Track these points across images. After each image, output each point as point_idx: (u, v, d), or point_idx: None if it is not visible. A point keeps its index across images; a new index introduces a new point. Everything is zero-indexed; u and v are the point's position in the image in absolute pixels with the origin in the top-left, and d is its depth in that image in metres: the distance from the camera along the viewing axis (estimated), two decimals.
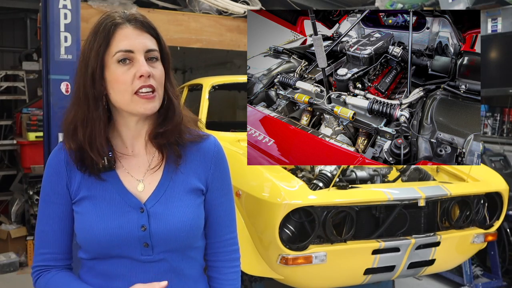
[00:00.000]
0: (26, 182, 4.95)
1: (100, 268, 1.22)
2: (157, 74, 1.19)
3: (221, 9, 5.05)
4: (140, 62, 1.15)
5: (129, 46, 1.15)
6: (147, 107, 1.17)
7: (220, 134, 3.40)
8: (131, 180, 1.23)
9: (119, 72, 1.16)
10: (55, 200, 1.24)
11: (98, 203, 1.20)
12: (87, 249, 1.22)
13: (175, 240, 1.21)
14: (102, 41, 1.16)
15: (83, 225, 1.20)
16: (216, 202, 1.31)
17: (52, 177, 1.24)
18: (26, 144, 4.99)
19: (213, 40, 5.01)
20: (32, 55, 7.15)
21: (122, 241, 1.18)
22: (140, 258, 1.20)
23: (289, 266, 2.45)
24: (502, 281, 3.90)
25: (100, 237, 1.17)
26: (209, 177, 1.29)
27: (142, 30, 1.19)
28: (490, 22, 4.46)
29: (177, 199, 1.23)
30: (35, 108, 5.29)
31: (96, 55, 1.16)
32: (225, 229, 1.34)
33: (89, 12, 4.26)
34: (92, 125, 1.18)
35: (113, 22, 1.17)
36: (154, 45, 1.20)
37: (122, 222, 1.19)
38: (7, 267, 4.50)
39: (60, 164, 1.24)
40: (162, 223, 1.19)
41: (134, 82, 1.16)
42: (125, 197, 1.21)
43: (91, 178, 1.22)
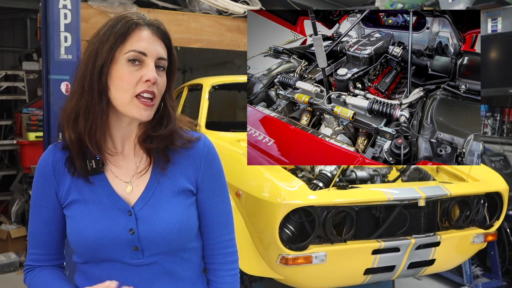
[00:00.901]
0: (26, 182, 4.95)
1: (93, 273, 1.22)
2: (160, 83, 1.19)
3: (221, 9, 5.05)
4: (150, 67, 1.16)
5: (144, 49, 1.16)
6: (143, 113, 1.17)
7: (220, 134, 3.40)
8: (119, 182, 1.23)
9: (127, 71, 1.15)
10: (42, 203, 1.24)
11: (87, 207, 1.20)
12: (79, 252, 1.22)
13: (164, 242, 1.19)
14: (119, 36, 1.15)
15: (73, 229, 1.20)
16: (208, 202, 1.29)
17: (40, 181, 1.24)
18: (26, 144, 4.99)
19: (213, 40, 5.01)
20: (32, 55, 7.16)
21: (112, 245, 1.17)
22: (131, 262, 1.19)
23: (289, 266, 2.45)
24: (502, 281, 3.90)
25: (89, 240, 1.17)
26: (199, 177, 1.27)
27: (158, 37, 1.20)
28: (490, 22, 4.46)
29: (165, 201, 1.21)
30: (35, 108, 5.30)
31: (109, 48, 1.15)
32: (220, 230, 1.31)
33: (89, 12, 4.26)
34: (94, 117, 1.17)
35: (134, 21, 1.17)
36: (165, 54, 1.21)
37: (111, 225, 1.18)
38: (7, 267, 4.50)
39: (48, 167, 1.23)
40: (150, 226, 1.18)
41: (139, 85, 1.15)
42: (113, 200, 1.20)
43: (80, 181, 1.21)
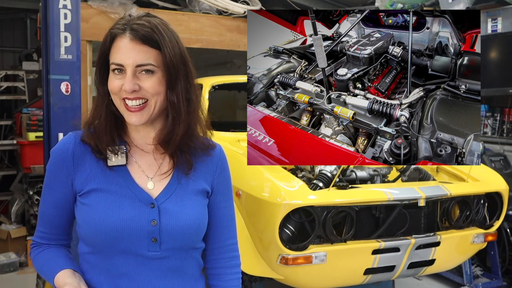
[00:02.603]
0: (26, 182, 4.95)
1: (102, 265, 1.23)
2: (147, 86, 1.18)
3: (221, 9, 5.04)
4: (127, 77, 1.18)
5: (120, 60, 1.18)
6: (131, 119, 1.21)
7: (220, 134, 3.40)
8: (141, 176, 1.25)
9: (113, 79, 1.20)
10: (55, 187, 1.26)
11: (109, 196, 1.21)
12: (94, 242, 1.22)
13: (182, 237, 1.23)
14: (104, 49, 1.21)
15: (92, 217, 1.20)
16: (219, 205, 1.34)
17: (56, 165, 1.26)
18: (26, 144, 4.99)
19: (213, 40, 5.01)
20: (32, 55, 7.17)
21: (132, 234, 1.19)
22: (146, 254, 1.21)
23: (289, 266, 2.45)
24: (502, 281, 3.90)
25: (110, 228, 1.18)
26: (215, 180, 1.33)
27: (137, 43, 1.17)
28: (490, 22, 4.46)
29: (186, 198, 1.26)
30: (35, 108, 5.30)
31: (101, 56, 1.23)
32: (227, 234, 1.37)
33: (89, 12, 4.25)
34: (99, 120, 1.24)
35: (111, 30, 1.20)
36: (148, 58, 1.17)
37: (134, 215, 1.20)
38: (7, 267, 4.50)
39: (67, 154, 1.25)
40: (172, 219, 1.22)
41: (121, 92, 1.19)
42: (136, 192, 1.23)
43: (100, 170, 1.24)
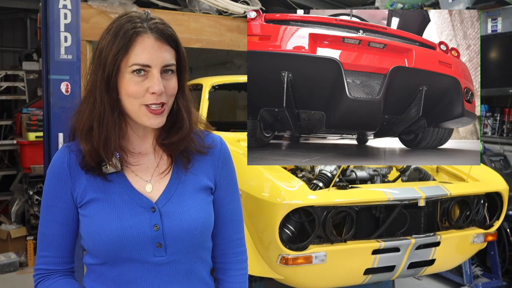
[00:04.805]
0: (26, 182, 4.95)
1: (109, 275, 1.18)
2: (169, 87, 1.16)
3: (221, 9, 5.04)
4: (155, 78, 1.12)
5: (147, 61, 1.11)
6: (153, 122, 1.16)
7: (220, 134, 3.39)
8: (139, 181, 1.22)
9: (133, 83, 1.13)
10: (56, 204, 1.21)
11: (107, 205, 1.17)
12: (96, 253, 1.18)
13: (188, 239, 1.19)
14: (121, 47, 1.11)
15: (92, 228, 1.17)
16: (224, 200, 1.31)
17: (54, 180, 1.21)
18: (26, 144, 4.99)
19: (213, 40, 5.00)
20: (32, 55, 7.16)
21: (135, 242, 1.15)
22: (152, 260, 1.17)
23: (289, 266, 2.45)
24: (502, 281, 3.90)
25: (112, 238, 1.14)
26: (217, 175, 1.29)
27: (162, 42, 1.14)
28: (490, 22, 4.45)
29: (188, 197, 1.22)
30: (35, 108, 5.29)
31: (113, 60, 1.12)
32: (234, 229, 1.33)
33: (89, 12, 4.25)
34: (107, 128, 1.16)
35: (134, 29, 1.12)
36: (172, 58, 1.16)
37: (134, 222, 1.16)
38: (7, 267, 4.49)
39: (63, 167, 1.20)
40: (176, 221, 1.18)
41: (146, 96, 1.13)
42: (135, 198, 1.19)
43: (98, 180, 1.19)
